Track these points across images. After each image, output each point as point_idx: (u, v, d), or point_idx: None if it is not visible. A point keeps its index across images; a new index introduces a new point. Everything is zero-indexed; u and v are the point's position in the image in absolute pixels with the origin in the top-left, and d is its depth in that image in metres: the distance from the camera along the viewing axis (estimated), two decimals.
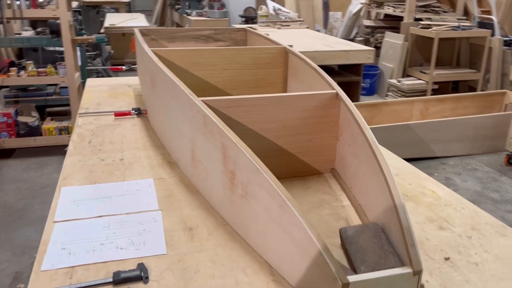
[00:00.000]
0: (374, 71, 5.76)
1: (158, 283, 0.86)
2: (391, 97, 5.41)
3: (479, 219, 1.13)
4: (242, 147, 0.98)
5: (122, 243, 0.99)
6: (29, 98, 3.61)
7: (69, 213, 1.11)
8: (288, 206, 0.85)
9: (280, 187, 0.88)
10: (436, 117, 4.14)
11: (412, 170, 1.41)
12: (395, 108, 4.14)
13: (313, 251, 0.79)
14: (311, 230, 0.80)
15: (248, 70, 1.88)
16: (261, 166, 0.93)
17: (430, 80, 5.25)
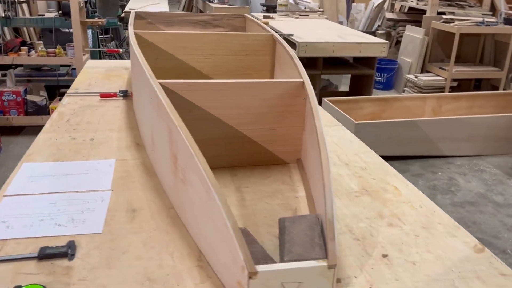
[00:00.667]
0: (392, 66, 5.62)
1: (82, 261, 0.87)
2: (407, 92, 5.28)
3: (434, 218, 1.09)
4: (182, 131, 0.97)
5: (62, 220, 1.00)
6: (41, 78, 3.69)
7: (21, 188, 1.13)
8: (212, 192, 0.83)
9: (208, 173, 0.87)
10: (449, 115, 4.02)
11: (381, 166, 1.37)
12: (406, 103, 4.04)
13: (228, 239, 0.78)
14: (228, 218, 0.79)
15: (235, 56, 1.87)
16: (195, 151, 0.92)
17: (449, 77, 5.09)
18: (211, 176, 0.86)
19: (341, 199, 1.16)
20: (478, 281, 0.87)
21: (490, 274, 0.89)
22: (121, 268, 0.85)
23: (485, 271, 0.90)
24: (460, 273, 0.89)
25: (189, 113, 1.23)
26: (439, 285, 0.86)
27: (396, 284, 0.85)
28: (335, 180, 1.26)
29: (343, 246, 0.96)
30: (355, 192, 1.20)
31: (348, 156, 1.43)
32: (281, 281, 0.75)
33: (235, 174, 1.26)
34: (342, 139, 1.57)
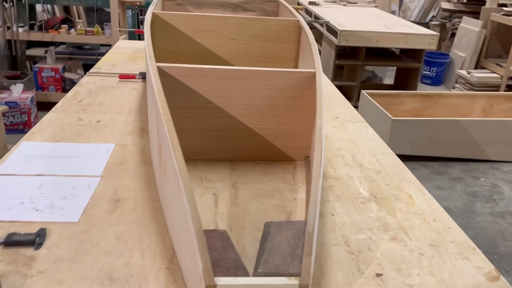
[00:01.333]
0: (443, 60, 5.29)
1: (48, 252, 0.82)
2: (458, 89, 4.96)
3: (446, 235, 0.96)
4: (165, 119, 0.90)
5: (41, 205, 0.96)
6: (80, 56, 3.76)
7: (13, 168, 1.10)
8: (182, 191, 0.76)
9: (180, 168, 0.79)
10: (500, 116, 3.72)
11: (399, 170, 1.24)
12: (453, 101, 3.78)
13: (191, 244, 0.70)
14: (193, 221, 0.71)
15: (257, 42, 1.77)
16: (172, 142, 0.84)
17: (506, 74, 4.72)
18: (183, 172, 0.78)
19: (345, 205, 1.05)
20: None
21: None
22: (85, 263, 0.80)
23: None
24: None
25: (189, 100, 1.15)
26: None
27: None
28: (344, 182, 1.15)
29: (333, 259, 0.86)
30: (362, 198, 1.08)
31: (364, 156, 1.31)
32: None
33: (235, 168, 1.18)
34: (362, 137, 1.44)
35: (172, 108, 1.14)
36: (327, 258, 0.86)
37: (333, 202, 1.06)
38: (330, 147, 1.35)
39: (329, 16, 4.22)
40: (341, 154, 1.31)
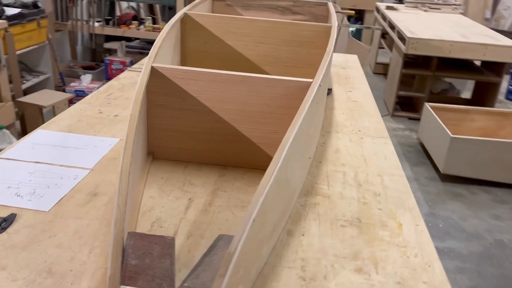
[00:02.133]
0: None
1: (8, 236, 0.87)
2: None
3: (422, 275, 0.85)
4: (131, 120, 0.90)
5: (24, 191, 1.02)
6: None
7: (17, 153, 1.18)
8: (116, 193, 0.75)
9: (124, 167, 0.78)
10: None
11: (402, 194, 1.14)
12: None
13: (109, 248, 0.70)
14: (115, 224, 0.71)
15: (287, 47, 1.73)
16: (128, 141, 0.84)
17: None
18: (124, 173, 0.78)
19: (322, 226, 0.98)
20: None
21: None
22: (34, 252, 0.83)
23: None
24: None
25: (182, 102, 1.15)
26: None
27: None
28: (332, 202, 1.08)
29: (280, 283, 0.81)
30: (344, 221, 1.00)
31: (369, 175, 1.21)
32: None
33: (223, 175, 1.16)
34: (376, 154, 1.34)
35: (165, 109, 1.16)
36: (274, 281, 0.81)
37: (310, 221, 1.00)
38: (335, 162, 1.28)
39: (404, 22, 4.00)
40: (344, 170, 1.23)
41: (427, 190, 2.67)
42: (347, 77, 2.12)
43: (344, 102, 1.78)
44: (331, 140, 1.43)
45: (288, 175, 0.91)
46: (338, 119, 1.60)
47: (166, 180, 1.11)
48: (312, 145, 1.21)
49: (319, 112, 1.24)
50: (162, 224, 0.95)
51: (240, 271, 0.70)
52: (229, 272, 0.66)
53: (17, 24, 2.85)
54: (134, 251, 0.77)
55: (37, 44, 3.16)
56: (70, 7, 3.50)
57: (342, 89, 1.93)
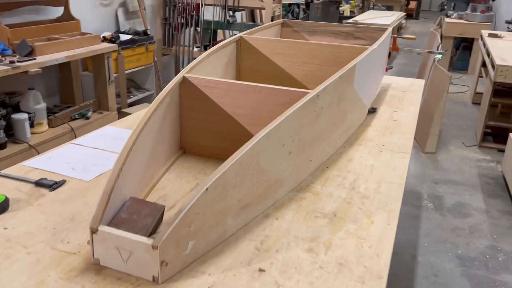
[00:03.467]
0: None
1: (54, 194, 1.17)
2: None
3: (365, 261, 0.95)
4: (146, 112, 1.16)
5: (78, 166, 1.33)
6: None
7: (86, 141, 1.52)
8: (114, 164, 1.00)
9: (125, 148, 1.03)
10: None
11: (389, 200, 1.21)
12: None
13: None
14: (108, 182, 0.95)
15: (328, 66, 1.88)
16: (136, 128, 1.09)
17: None
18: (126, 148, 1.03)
19: (298, 215, 1.12)
20: None
21: None
22: (67, 205, 1.12)
23: None
24: None
25: (206, 106, 1.38)
26: None
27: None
28: (318, 198, 1.20)
29: (234, 249, 0.97)
30: (320, 214, 1.13)
31: (367, 182, 1.31)
32: (116, 244, 0.87)
33: None
34: (386, 166, 1.42)
35: (193, 111, 1.41)
36: (232, 247, 0.98)
37: (289, 210, 1.14)
38: (342, 169, 1.39)
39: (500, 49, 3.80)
40: (345, 175, 1.34)
41: (497, 223, 2.51)
42: (401, 99, 2.17)
43: (385, 120, 1.86)
44: (350, 151, 1.53)
45: (262, 164, 1.07)
46: (369, 134, 1.69)
47: (186, 169, 1.35)
48: (316, 150, 1.35)
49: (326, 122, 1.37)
50: (166, 198, 1.17)
51: (190, 228, 0.90)
52: (175, 223, 0.86)
53: (128, 48, 3.42)
54: (127, 209, 1.00)
55: (144, 65, 3.71)
56: (176, 34, 4.03)
57: (389, 109, 2.00)
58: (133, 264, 0.87)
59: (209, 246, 0.97)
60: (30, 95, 2.66)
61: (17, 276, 0.87)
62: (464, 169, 3.23)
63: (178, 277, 0.88)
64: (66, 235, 1.00)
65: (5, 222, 1.04)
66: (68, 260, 0.92)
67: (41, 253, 0.93)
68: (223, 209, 0.98)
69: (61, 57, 2.65)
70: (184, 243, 0.89)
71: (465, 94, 5.18)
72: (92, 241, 0.89)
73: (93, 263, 0.91)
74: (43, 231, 1.01)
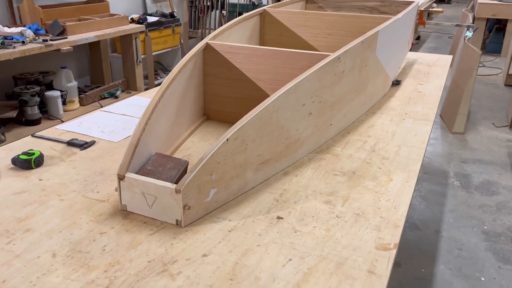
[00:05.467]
0: None
1: (85, 153, 1.23)
2: None
3: (382, 212, 0.97)
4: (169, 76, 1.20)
5: (107, 130, 1.40)
6: None
7: (114, 108, 1.59)
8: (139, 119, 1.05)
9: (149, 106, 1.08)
10: None
11: (409, 161, 1.22)
12: None
13: None
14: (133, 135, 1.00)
15: (351, 38, 1.87)
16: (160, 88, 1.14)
17: None
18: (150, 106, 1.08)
19: (317, 173, 1.15)
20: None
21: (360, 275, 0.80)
22: (97, 161, 1.18)
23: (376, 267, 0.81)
24: (329, 254, 0.83)
25: (229, 72, 1.42)
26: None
27: (237, 244, 0.88)
28: (338, 159, 1.23)
29: (255, 200, 1.01)
30: (339, 172, 1.15)
31: (388, 145, 1.32)
32: (141, 190, 0.92)
33: None
34: (408, 131, 1.43)
35: (216, 78, 1.45)
36: (252, 198, 1.02)
37: (308, 169, 1.17)
38: (363, 134, 1.40)
39: None
40: (366, 139, 1.36)
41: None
42: (426, 73, 2.15)
43: (408, 92, 1.85)
44: (372, 118, 1.54)
45: (281, 121, 1.10)
46: (391, 104, 1.69)
47: (209, 133, 1.39)
48: (336, 115, 1.36)
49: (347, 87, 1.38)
50: (190, 157, 1.22)
51: (212, 175, 0.94)
52: (197, 169, 0.90)
53: (155, 30, 3.49)
54: (152, 162, 1.05)
55: (171, 47, 3.78)
56: (202, 17, 4.08)
57: (414, 82, 1.99)
58: (157, 209, 0.92)
59: (230, 196, 1.01)
60: (63, 73, 2.77)
61: (52, 218, 0.93)
62: (494, 149, 3.16)
63: (200, 221, 0.93)
64: (96, 186, 1.06)
65: (40, 175, 1.11)
66: (98, 206, 0.98)
67: (73, 200, 1.00)
68: (243, 162, 1.01)
69: (91, 36, 2.74)
70: (206, 190, 0.93)
71: (497, 77, 5.04)
72: (120, 188, 0.95)
73: (121, 209, 0.96)
74: (75, 183, 1.07)
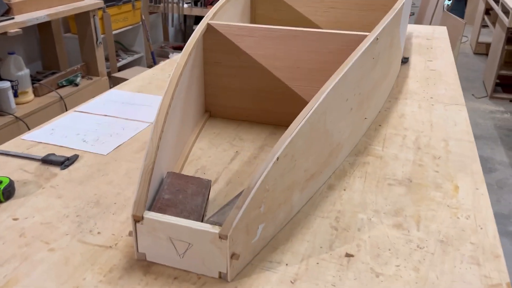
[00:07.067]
0: None
1: (68, 172, 0.96)
2: None
3: (470, 236, 0.78)
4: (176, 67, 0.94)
5: (90, 138, 1.11)
6: None
7: (91, 107, 1.29)
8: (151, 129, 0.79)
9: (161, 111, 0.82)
10: None
11: (466, 160, 1.04)
12: None
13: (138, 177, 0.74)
14: (146, 157, 0.74)
15: (358, 11, 1.66)
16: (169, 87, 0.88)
17: None
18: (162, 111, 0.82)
19: (367, 183, 0.94)
20: None
21: None
22: (87, 186, 0.91)
23: None
24: None
25: (237, 59, 1.17)
26: None
27: None
28: (384, 162, 1.02)
29: (310, 229, 0.79)
30: (393, 180, 0.95)
31: (432, 140, 1.13)
32: (168, 235, 0.68)
33: (274, 133, 1.16)
34: (445, 120, 1.24)
35: (221, 66, 1.19)
36: (304, 227, 0.80)
37: (355, 178, 0.95)
38: (397, 126, 1.20)
39: None
40: (405, 134, 1.16)
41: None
42: (429, 48, 1.98)
43: (421, 71, 1.67)
44: (397, 106, 1.34)
45: (327, 125, 0.88)
46: (411, 87, 1.50)
47: (218, 135, 1.14)
48: (370, 106, 1.15)
49: (380, 71, 1.17)
50: (205, 171, 0.98)
51: (260, 208, 0.70)
52: (245, 205, 0.66)
53: (113, 5, 3.10)
54: (169, 187, 0.80)
55: (131, 25, 3.40)
56: None
57: (422, 59, 1.80)
58: (192, 259, 0.68)
59: (277, 228, 0.78)
60: (11, 60, 2.37)
61: (43, 282, 0.67)
62: (480, 122, 3.09)
63: (250, 270, 0.70)
64: (94, 224, 0.80)
65: (14, 212, 0.83)
66: (105, 256, 0.72)
67: (69, 250, 0.73)
68: (291, 183, 0.79)
69: (42, 15, 2.35)
70: (254, 227, 0.70)
71: (465, 45, 5.01)
72: (136, 232, 0.69)
73: (138, 258, 0.72)
74: (65, 221, 0.81)
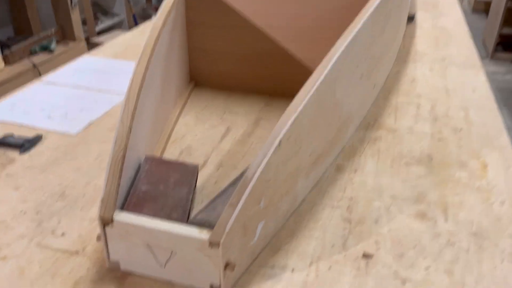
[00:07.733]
0: None
1: (28, 157, 0.81)
2: None
3: (508, 226, 0.65)
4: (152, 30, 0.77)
5: (56, 114, 0.96)
6: None
7: (59, 78, 1.13)
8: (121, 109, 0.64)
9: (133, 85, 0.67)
10: None
11: (490, 131, 0.91)
12: None
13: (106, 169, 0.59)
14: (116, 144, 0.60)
15: None
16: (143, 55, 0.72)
17: None
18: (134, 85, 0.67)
19: (380, 162, 0.80)
20: None
21: None
22: (51, 174, 0.76)
23: None
24: None
25: (224, 18, 1.00)
26: None
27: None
28: (398, 137, 0.89)
29: (318, 224, 0.66)
30: (410, 159, 0.81)
31: (450, 109, 0.99)
32: (145, 241, 0.54)
33: (269, 104, 1.01)
34: (462, 85, 1.10)
35: (206, 27, 1.02)
36: (311, 221, 0.67)
37: (366, 157, 0.82)
38: (409, 93, 1.06)
39: None
40: (419, 102, 1.02)
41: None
42: (434, 4, 1.81)
43: (429, 29, 1.51)
44: (407, 69, 1.20)
45: (337, 96, 0.73)
46: (419, 47, 1.35)
47: (205, 108, 0.99)
48: (379, 71, 1.01)
49: (389, 32, 1.02)
50: (192, 152, 0.83)
51: (260, 203, 0.57)
52: (242, 201, 0.53)
53: None
54: (147, 177, 0.66)
55: None
56: None
57: (428, 16, 1.65)
58: (176, 268, 0.55)
59: (279, 223, 0.65)
60: None
61: None
62: None
63: (248, 279, 0.57)
64: (58, 223, 0.66)
65: None
66: (69, 265, 0.59)
67: (25, 257, 0.60)
68: (294, 170, 0.65)
69: None
70: (252, 227, 0.57)
71: (462, 3, 4.81)
72: (106, 237, 0.56)
73: (110, 267, 0.58)
74: (22, 219, 0.66)
